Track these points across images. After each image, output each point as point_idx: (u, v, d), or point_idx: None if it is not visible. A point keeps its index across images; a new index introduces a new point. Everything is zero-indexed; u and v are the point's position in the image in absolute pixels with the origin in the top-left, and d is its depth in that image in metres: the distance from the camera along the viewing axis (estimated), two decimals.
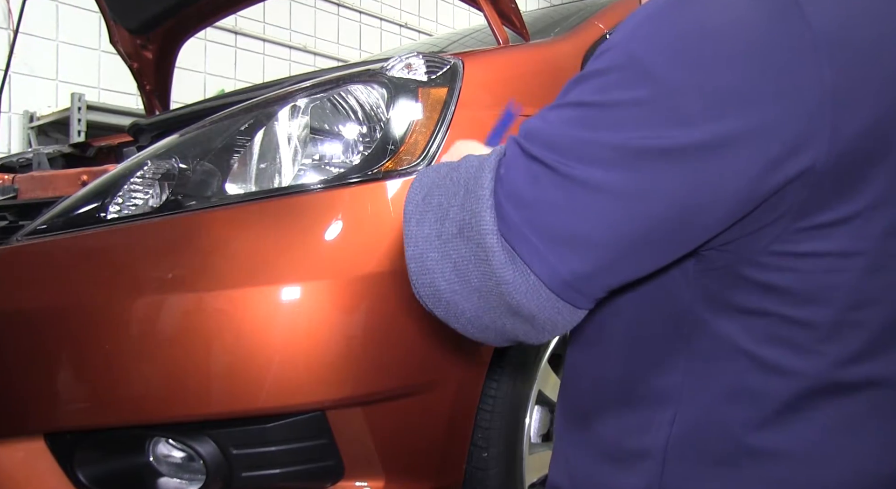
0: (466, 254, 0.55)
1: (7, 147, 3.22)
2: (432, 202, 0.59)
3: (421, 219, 0.59)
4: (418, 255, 0.58)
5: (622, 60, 0.51)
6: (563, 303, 0.54)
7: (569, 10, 1.76)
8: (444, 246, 0.56)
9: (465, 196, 0.56)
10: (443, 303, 0.58)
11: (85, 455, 0.97)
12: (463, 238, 0.55)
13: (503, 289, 0.53)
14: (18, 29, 2.83)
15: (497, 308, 0.55)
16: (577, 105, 0.53)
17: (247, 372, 0.89)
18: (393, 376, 0.95)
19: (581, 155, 0.51)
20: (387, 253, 0.94)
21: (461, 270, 0.56)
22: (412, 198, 0.60)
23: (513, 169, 0.55)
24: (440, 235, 0.57)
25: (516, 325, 0.57)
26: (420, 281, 0.59)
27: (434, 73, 1.07)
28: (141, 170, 1.04)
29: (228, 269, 0.91)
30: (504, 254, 0.53)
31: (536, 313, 0.54)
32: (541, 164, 0.53)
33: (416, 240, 0.59)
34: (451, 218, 0.56)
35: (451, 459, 1.04)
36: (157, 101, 2.04)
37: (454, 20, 5.48)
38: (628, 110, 0.50)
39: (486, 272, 0.54)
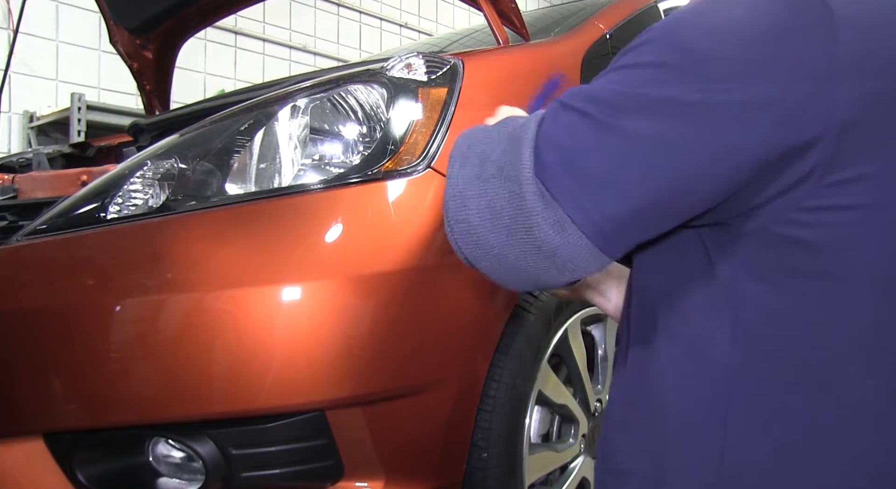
0: (502, 191, 0.58)
1: (7, 147, 3.22)
2: (476, 149, 0.63)
3: (464, 162, 0.63)
4: (458, 194, 0.62)
5: (659, 34, 0.58)
6: (588, 243, 0.56)
7: (569, 10, 1.76)
8: (483, 185, 0.60)
9: (508, 142, 0.60)
10: (473, 238, 0.61)
11: (84, 455, 0.97)
12: (501, 177, 0.59)
13: (532, 222, 0.56)
14: (18, 29, 2.82)
15: (525, 244, 0.58)
16: (617, 68, 0.59)
17: (246, 372, 0.88)
18: (393, 376, 0.95)
19: (617, 104, 0.56)
20: (386, 253, 0.94)
21: (495, 207, 0.59)
22: (458, 145, 0.65)
23: (552, 119, 0.59)
24: (480, 176, 0.61)
25: (540, 264, 0.59)
26: (455, 217, 0.62)
27: (434, 73, 1.07)
28: (141, 170, 1.04)
29: (228, 269, 0.91)
30: (537, 191, 0.56)
31: (561, 250, 0.57)
32: (579, 113, 0.57)
33: (456, 180, 0.62)
34: (492, 161, 0.60)
35: (450, 459, 1.04)
36: (157, 101, 2.04)
37: (454, 20, 5.48)
38: (662, 70, 0.55)
39: (518, 207, 0.57)
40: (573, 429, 1.28)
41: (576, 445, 1.28)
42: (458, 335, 1.01)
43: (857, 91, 0.52)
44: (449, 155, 0.65)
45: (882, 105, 0.53)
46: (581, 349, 1.27)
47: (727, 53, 0.54)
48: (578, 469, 1.29)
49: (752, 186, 0.55)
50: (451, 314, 1.00)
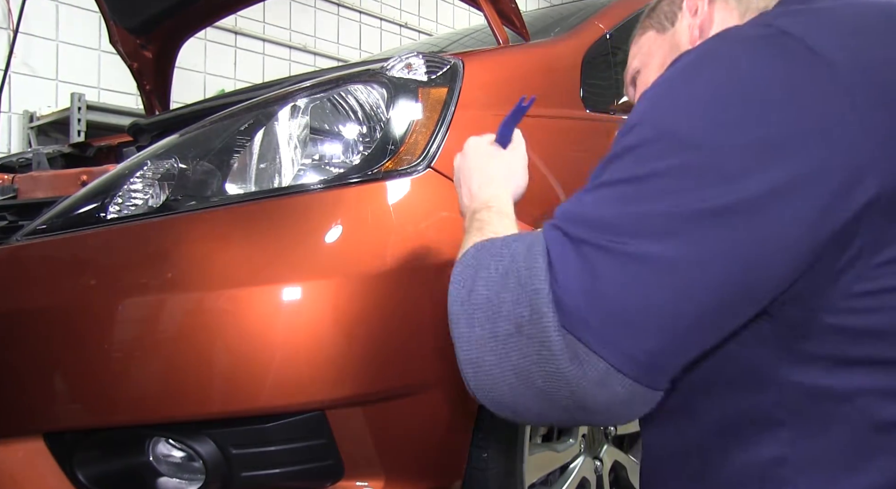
0: (528, 352, 0.51)
1: (7, 147, 3.22)
2: (479, 298, 0.55)
3: (470, 319, 0.55)
4: (474, 360, 0.55)
5: (651, 134, 0.51)
6: (638, 386, 0.50)
7: (569, 10, 1.76)
8: (502, 347, 0.53)
9: (518, 290, 0.52)
10: (509, 405, 0.55)
11: (84, 455, 0.97)
12: (522, 336, 0.51)
13: (573, 386, 0.50)
14: (18, 29, 2.82)
15: (566, 405, 0.52)
16: (614, 183, 0.52)
17: (247, 371, 0.88)
18: (393, 376, 0.95)
19: (631, 230, 0.49)
20: (387, 253, 0.94)
21: (522, 372, 0.52)
22: (456, 295, 0.58)
23: (561, 258, 0.52)
24: (495, 336, 0.53)
25: (588, 416, 0.54)
26: (479, 387, 0.55)
27: (434, 73, 1.07)
28: (141, 170, 1.04)
29: (228, 269, 0.91)
30: (568, 351, 0.50)
31: (610, 403, 0.51)
32: (591, 247, 0.50)
33: (468, 343, 0.55)
34: (504, 316, 0.53)
35: (451, 459, 1.04)
36: (157, 101, 2.04)
37: (454, 20, 5.48)
38: (669, 179, 0.49)
39: (552, 371, 0.51)
40: (573, 429, 1.28)
41: (576, 445, 1.28)
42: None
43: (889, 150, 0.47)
44: (449, 307, 0.58)
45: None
46: None
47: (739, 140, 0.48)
48: (578, 469, 1.29)
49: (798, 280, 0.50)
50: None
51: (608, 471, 1.38)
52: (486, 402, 0.56)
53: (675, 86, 0.53)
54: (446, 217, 0.99)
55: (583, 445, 1.30)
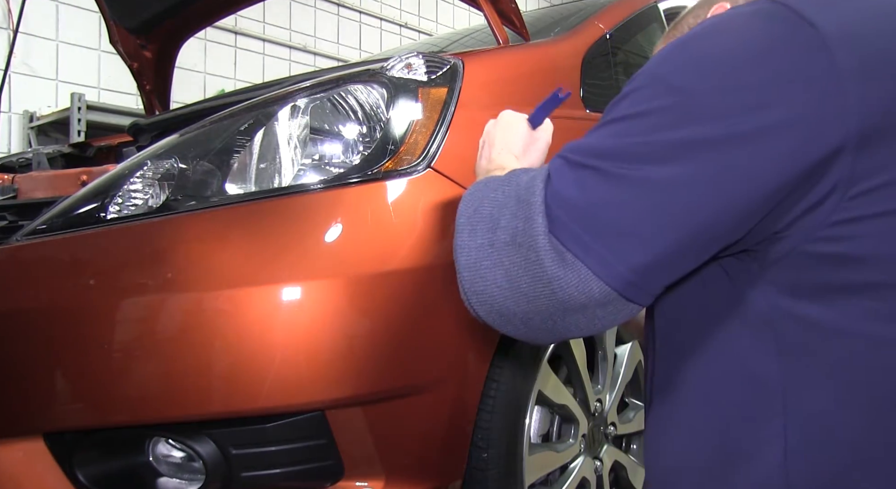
0: (518, 260, 0.57)
1: (7, 147, 3.22)
2: (483, 213, 0.62)
3: (473, 230, 0.61)
4: (472, 264, 0.60)
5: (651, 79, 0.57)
6: (616, 296, 0.55)
7: (569, 10, 1.76)
8: (497, 253, 0.59)
9: (516, 206, 0.59)
10: (495, 310, 0.60)
11: (84, 455, 0.97)
12: (515, 245, 0.58)
13: (554, 287, 0.56)
14: (18, 29, 2.82)
15: (548, 309, 0.57)
16: (614, 121, 0.58)
17: (246, 371, 0.88)
18: (393, 376, 0.95)
19: (626, 155, 0.55)
20: (387, 253, 0.94)
21: (512, 276, 0.58)
22: (463, 211, 0.64)
23: (559, 177, 0.58)
24: (492, 244, 0.59)
25: (568, 323, 0.58)
26: (472, 288, 0.61)
27: (434, 73, 1.07)
28: (141, 170, 1.04)
29: (228, 269, 0.91)
30: (555, 253, 0.55)
31: (589, 306, 0.56)
32: (588, 169, 0.56)
33: (468, 250, 0.61)
34: (502, 226, 0.59)
35: (451, 459, 1.04)
36: (157, 101, 2.04)
37: (454, 20, 5.48)
38: (663, 115, 0.55)
39: (537, 274, 0.56)
40: (573, 429, 1.28)
41: (576, 445, 1.28)
42: (458, 335, 1.01)
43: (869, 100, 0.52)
44: (456, 221, 0.64)
45: None
46: (581, 349, 1.27)
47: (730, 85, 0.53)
48: (578, 469, 1.29)
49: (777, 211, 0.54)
50: (451, 314, 1.00)
51: (608, 471, 1.38)
52: (477, 306, 0.61)
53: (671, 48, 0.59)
54: (447, 217, 0.99)
55: (583, 445, 1.30)
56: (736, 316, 0.60)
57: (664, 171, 0.53)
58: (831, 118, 0.51)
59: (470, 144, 0.98)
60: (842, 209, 0.53)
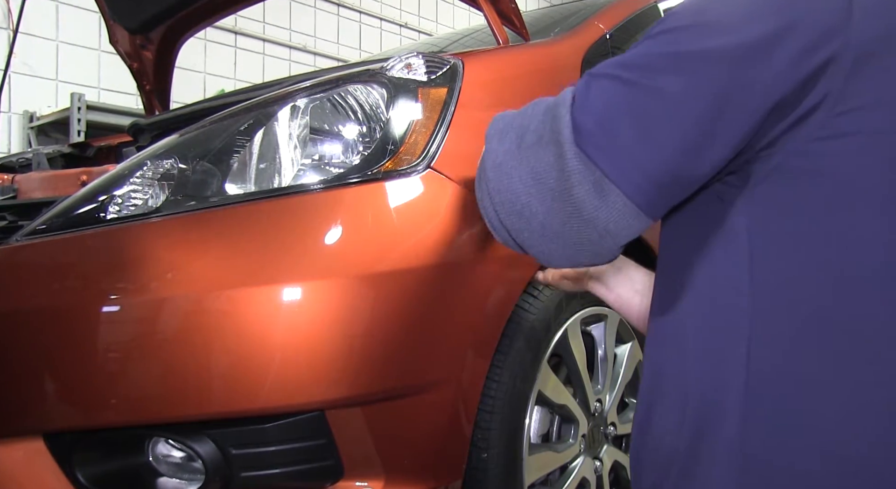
0: (544, 157, 0.61)
1: (7, 147, 3.22)
2: (513, 124, 0.66)
3: (502, 137, 0.66)
4: (498, 165, 0.64)
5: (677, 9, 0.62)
6: (627, 202, 0.58)
7: (569, 10, 1.76)
8: (523, 153, 0.63)
9: (545, 114, 0.64)
10: (517, 207, 0.63)
11: (84, 455, 0.97)
12: (542, 144, 0.62)
13: (573, 181, 0.59)
14: (18, 29, 2.82)
15: (567, 207, 0.60)
16: (639, 43, 0.63)
17: (246, 372, 0.88)
18: (393, 376, 0.95)
19: (644, 65, 0.59)
20: (387, 253, 0.94)
21: (538, 173, 0.62)
22: (494, 124, 0.68)
23: (584, 87, 0.62)
24: (520, 146, 0.64)
25: (582, 230, 0.61)
26: (497, 187, 0.64)
27: (434, 73, 1.07)
28: (140, 170, 1.04)
29: (228, 269, 0.91)
30: (577, 156, 0.59)
31: (601, 211, 0.59)
32: (610, 78, 0.60)
33: (496, 153, 0.65)
34: (531, 131, 0.64)
35: (450, 460, 1.04)
36: (157, 101, 2.04)
37: (454, 20, 5.48)
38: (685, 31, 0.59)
39: (561, 168, 0.60)
40: (573, 429, 1.28)
41: (576, 445, 1.28)
42: (457, 335, 1.01)
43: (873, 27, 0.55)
44: (486, 133, 0.68)
45: None
46: (581, 349, 1.27)
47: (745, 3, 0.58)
48: (578, 469, 1.29)
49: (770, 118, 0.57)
50: (450, 314, 1.00)
51: (608, 471, 1.38)
52: (499, 205, 0.65)
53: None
54: (447, 217, 0.99)
55: (583, 445, 1.30)
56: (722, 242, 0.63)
57: (677, 80, 0.57)
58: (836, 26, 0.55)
59: (470, 144, 0.98)
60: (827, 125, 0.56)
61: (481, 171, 0.67)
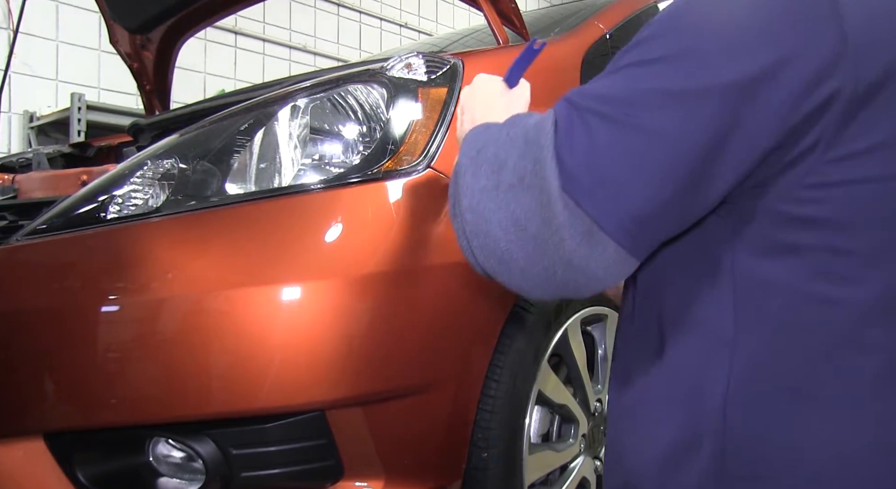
0: (527, 202, 0.57)
1: (7, 147, 3.22)
2: (487, 154, 0.61)
3: (476, 171, 0.60)
4: (475, 206, 0.60)
5: (661, 28, 0.58)
6: (617, 248, 0.56)
7: (569, 10, 1.76)
8: (503, 196, 0.58)
9: (524, 146, 0.59)
10: (497, 253, 0.59)
11: (84, 455, 0.97)
12: (523, 187, 0.57)
13: (563, 233, 0.55)
14: (18, 29, 2.83)
15: (552, 254, 0.57)
16: (623, 67, 0.58)
17: (246, 372, 0.88)
18: (393, 376, 0.95)
19: (632, 102, 0.55)
20: (387, 253, 0.94)
21: (519, 218, 0.57)
22: (466, 152, 0.63)
23: (566, 122, 0.58)
24: (497, 186, 0.58)
25: (568, 273, 0.58)
26: (475, 231, 0.60)
27: (434, 73, 1.07)
28: (141, 170, 1.04)
29: (228, 269, 0.91)
30: (563, 200, 0.55)
31: (591, 259, 0.56)
32: (594, 114, 0.56)
33: (471, 191, 0.60)
34: (509, 168, 0.58)
35: (450, 459, 1.04)
36: (157, 101, 2.04)
37: (454, 20, 5.47)
38: (671, 63, 0.55)
39: (547, 218, 0.56)
40: (573, 429, 1.28)
41: (576, 445, 1.28)
42: (457, 335, 1.01)
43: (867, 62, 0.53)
44: (457, 162, 0.63)
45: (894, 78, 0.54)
46: (581, 349, 1.27)
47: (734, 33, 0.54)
48: (578, 469, 1.29)
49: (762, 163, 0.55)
50: (450, 314, 1.00)
51: None
52: (478, 249, 0.61)
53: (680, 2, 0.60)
54: (447, 216, 0.99)
55: (583, 445, 1.30)
56: (705, 269, 0.61)
57: (669, 121, 0.54)
58: (828, 70, 0.52)
59: None
60: (817, 172, 0.54)
61: (456, 208, 0.62)
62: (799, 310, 0.56)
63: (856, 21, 0.53)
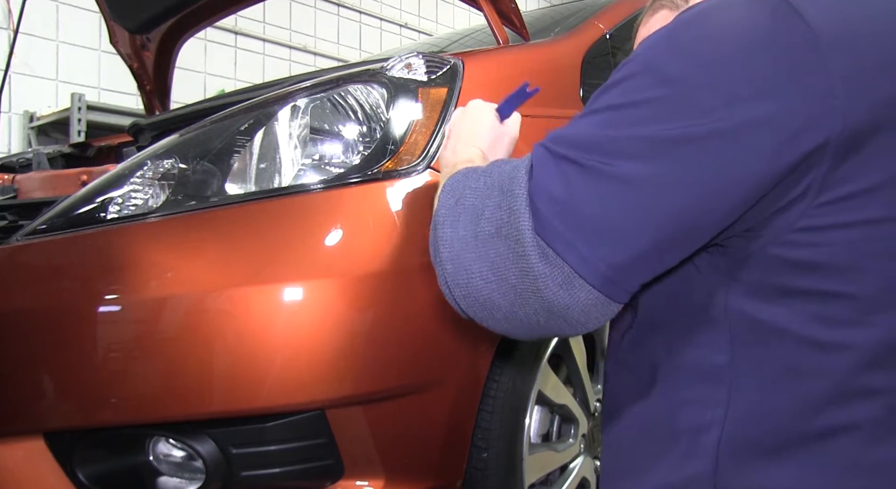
0: (504, 251, 0.56)
1: (7, 147, 3.22)
2: (465, 204, 0.60)
3: (455, 221, 0.60)
4: (455, 257, 0.59)
5: (641, 68, 0.56)
6: (598, 295, 0.55)
7: (569, 10, 1.76)
8: (482, 246, 0.58)
9: (500, 196, 0.58)
10: (479, 302, 0.59)
11: (84, 454, 0.97)
12: (500, 237, 0.57)
13: (540, 283, 0.55)
14: (18, 29, 2.83)
15: (533, 303, 0.56)
16: (601, 110, 0.57)
17: (247, 371, 0.89)
18: (393, 376, 0.95)
19: (609, 150, 0.54)
20: (387, 253, 0.94)
21: (498, 268, 0.57)
22: (444, 202, 0.62)
23: (542, 170, 0.57)
24: (476, 236, 0.58)
25: (550, 320, 0.57)
26: (456, 281, 0.60)
27: (434, 73, 1.07)
28: (141, 170, 1.04)
29: (228, 269, 0.91)
30: (539, 251, 0.55)
31: (571, 306, 0.55)
32: (570, 162, 0.55)
33: (451, 242, 0.60)
34: (486, 218, 0.58)
35: (450, 459, 1.04)
36: (157, 101, 2.04)
37: (454, 20, 5.48)
38: (651, 107, 0.53)
39: (524, 268, 0.55)
40: (573, 429, 1.28)
41: (576, 445, 1.28)
42: (458, 335, 1.01)
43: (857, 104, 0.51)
44: (436, 212, 0.63)
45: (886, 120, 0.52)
46: (581, 349, 1.27)
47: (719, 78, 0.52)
48: (578, 469, 1.29)
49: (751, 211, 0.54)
50: (451, 314, 1.00)
51: None
52: (460, 298, 0.61)
53: (665, 34, 0.57)
54: None
55: (583, 445, 1.30)
56: (699, 310, 0.60)
57: (648, 169, 0.52)
58: (816, 119, 0.51)
59: None
60: (808, 216, 0.53)
61: (436, 257, 0.62)
62: (797, 354, 0.55)
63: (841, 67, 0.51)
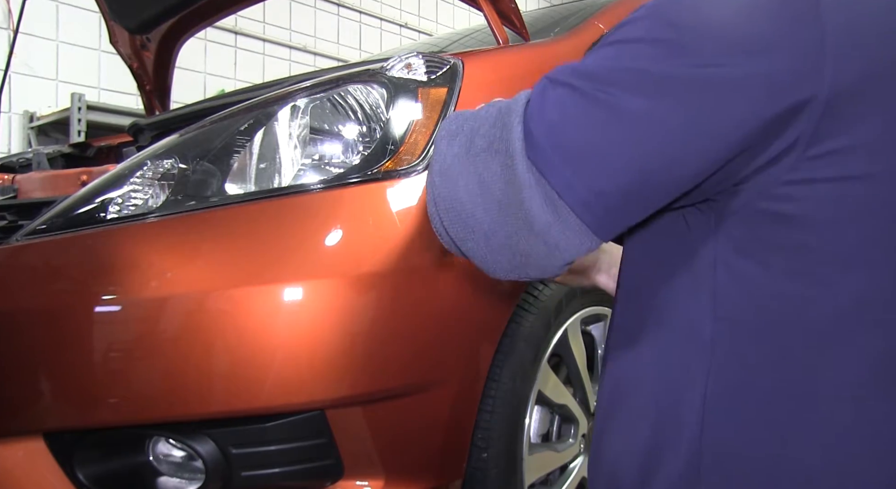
0: (492, 164, 0.58)
1: (7, 147, 3.22)
2: (465, 127, 0.62)
3: (451, 140, 0.62)
4: (444, 170, 0.61)
5: (650, 13, 0.57)
6: (577, 222, 0.56)
7: (569, 10, 1.76)
8: (472, 159, 0.59)
9: (496, 117, 0.60)
10: (461, 216, 0.60)
11: (84, 454, 0.97)
12: (491, 152, 0.58)
13: (524, 195, 0.56)
14: (18, 29, 2.83)
15: (516, 220, 0.57)
16: (607, 45, 0.58)
17: (247, 371, 0.89)
18: (393, 376, 0.95)
19: (607, 79, 0.55)
20: (387, 253, 0.94)
21: (485, 181, 0.58)
22: (446, 126, 0.64)
23: (540, 94, 0.59)
24: (468, 151, 0.60)
25: (531, 242, 0.57)
26: (441, 193, 0.61)
27: (434, 73, 1.07)
28: (141, 170, 1.04)
29: (228, 269, 0.91)
30: (526, 164, 0.56)
31: (552, 227, 0.56)
32: (568, 88, 0.57)
33: (444, 156, 0.62)
34: (480, 135, 0.60)
35: (450, 459, 1.04)
36: (157, 101, 2.04)
37: (454, 20, 5.48)
38: (654, 46, 0.55)
39: (509, 180, 0.56)
40: (573, 428, 1.28)
41: (576, 445, 1.28)
42: (458, 335, 1.01)
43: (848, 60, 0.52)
44: (436, 135, 0.65)
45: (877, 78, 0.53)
46: (581, 349, 1.27)
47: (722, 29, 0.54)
48: (578, 469, 1.29)
49: (738, 160, 0.55)
50: (451, 314, 1.00)
51: None
52: (443, 213, 0.61)
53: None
54: None
55: (583, 445, 1.30)
56: (687, 269, 0.61)
57: (642, 103, 0.53)
58: (809, 70, 0.52)
59: None
60: (797, 169, 0.54)
61: (429, 175, 0.63)
62: (776, 310, 0.56)
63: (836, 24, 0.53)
